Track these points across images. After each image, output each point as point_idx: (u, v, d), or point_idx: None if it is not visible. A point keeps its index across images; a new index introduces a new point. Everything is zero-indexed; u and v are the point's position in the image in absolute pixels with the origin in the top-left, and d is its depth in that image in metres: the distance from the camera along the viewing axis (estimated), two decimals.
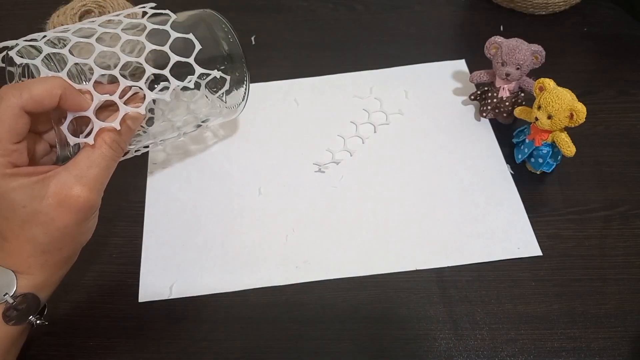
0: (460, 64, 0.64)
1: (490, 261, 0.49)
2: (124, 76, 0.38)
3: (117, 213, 0.53)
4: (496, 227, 0.51)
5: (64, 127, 0.36)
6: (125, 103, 0.37)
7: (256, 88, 0.61)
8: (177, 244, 0.51)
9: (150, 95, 0.38)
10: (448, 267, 0.48)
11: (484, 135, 0.57)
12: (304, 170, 0.55)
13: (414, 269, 0.48)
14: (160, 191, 0.54)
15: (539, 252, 0.49)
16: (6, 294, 0.36)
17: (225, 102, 0.50)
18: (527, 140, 0.53)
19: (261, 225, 0.52)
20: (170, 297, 0.47)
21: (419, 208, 0.52)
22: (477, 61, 0.58)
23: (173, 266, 0.49)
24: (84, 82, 0.37)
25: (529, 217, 0.51)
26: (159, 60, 0.39)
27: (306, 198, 0.53)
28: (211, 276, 0.49)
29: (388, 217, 0.52)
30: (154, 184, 0.55)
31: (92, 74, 0.37)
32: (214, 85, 0.47)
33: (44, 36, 0.39)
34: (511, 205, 0.52)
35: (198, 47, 0.41)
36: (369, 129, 0.58)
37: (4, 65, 0.40)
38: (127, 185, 0.55)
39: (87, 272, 0.49)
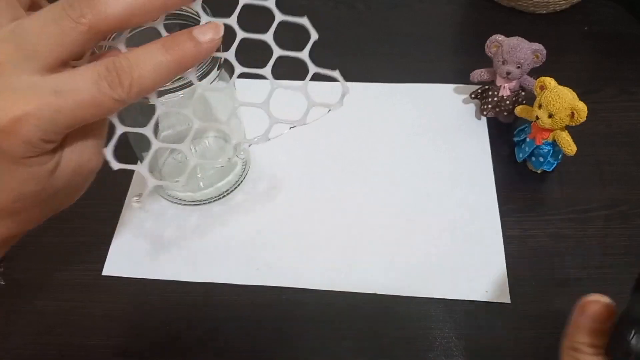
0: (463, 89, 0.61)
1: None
2: None
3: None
4: (470, 265, 0.48)
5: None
6: None
7: (256, 85, 0.61)
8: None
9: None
10: (409, 296, 0.47)
11: (482, 169, 0.55)
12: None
13: (373, 292, 0.47)
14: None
15: (507, 300, 0.46)
16: None
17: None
18: (527, 139, 0.53)
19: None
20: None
21: (394, 231, 0.51)
22: (478, 60, 0.58)
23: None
24: None
25: (530, 217, 0.51)
26: None
27: (280, 204, 0.53)
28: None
29: (361, 233, 0.51)
30: (139, 177, 0.54)
31: None
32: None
33: None
34: (492, 245, 0.49)
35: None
36: (359, 138, 0.57)
37: None
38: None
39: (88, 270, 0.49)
